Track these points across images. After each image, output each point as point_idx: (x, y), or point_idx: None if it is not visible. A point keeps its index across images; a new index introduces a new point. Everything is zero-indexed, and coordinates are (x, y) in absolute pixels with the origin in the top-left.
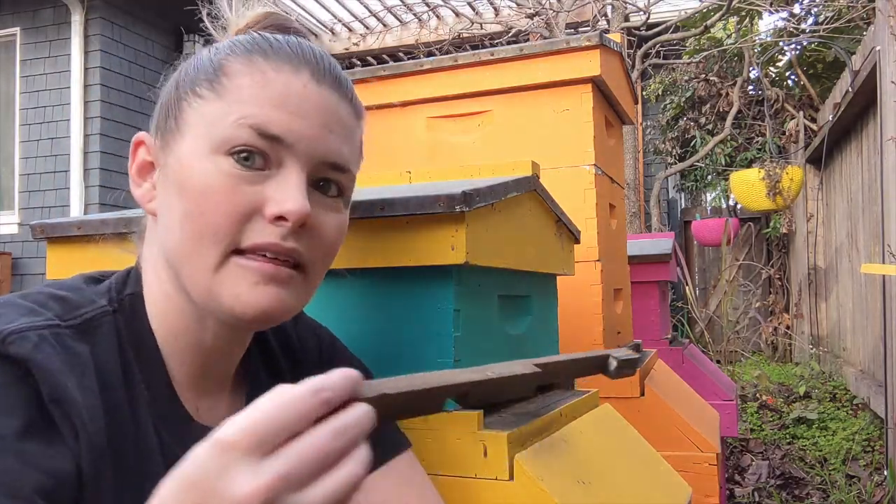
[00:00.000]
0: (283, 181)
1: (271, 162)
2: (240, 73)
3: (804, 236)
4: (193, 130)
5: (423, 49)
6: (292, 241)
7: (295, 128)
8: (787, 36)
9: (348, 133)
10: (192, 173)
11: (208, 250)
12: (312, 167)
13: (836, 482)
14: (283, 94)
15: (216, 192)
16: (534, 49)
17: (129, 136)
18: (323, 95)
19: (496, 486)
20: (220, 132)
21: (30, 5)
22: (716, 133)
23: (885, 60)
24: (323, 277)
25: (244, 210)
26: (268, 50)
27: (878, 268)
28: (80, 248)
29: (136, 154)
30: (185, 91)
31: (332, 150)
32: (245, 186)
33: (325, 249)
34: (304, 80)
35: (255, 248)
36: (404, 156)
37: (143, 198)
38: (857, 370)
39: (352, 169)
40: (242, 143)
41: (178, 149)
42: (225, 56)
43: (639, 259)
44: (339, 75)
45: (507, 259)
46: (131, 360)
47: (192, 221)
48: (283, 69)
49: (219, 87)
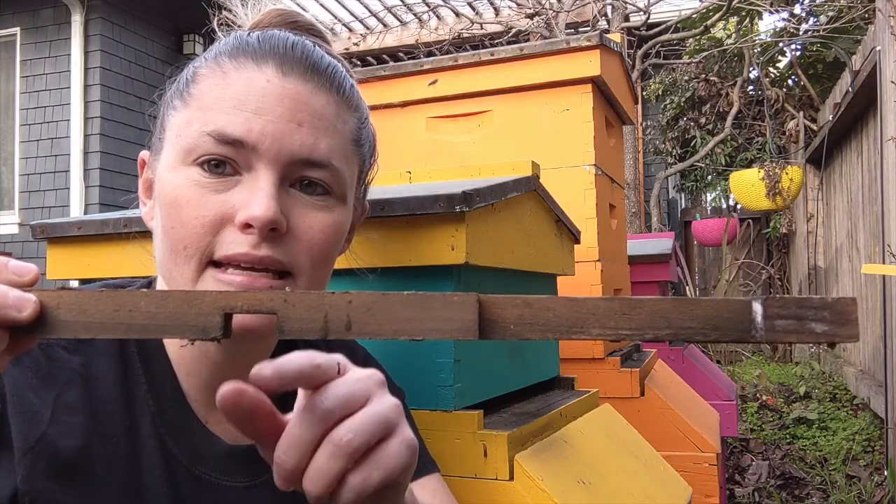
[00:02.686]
0: (249, 185)
1: (241, 167)
2: (204, 78)
3: (804, 236)
4: (168, 143)
5: (423, 49)
6: (266, 248)
7: (255, 127)
8: (788, 36)
9: (327, 126)
10: (164, 186)
11: (185, 265)
12: (283, 166)
13: (836, 482)
14: (243, 92)
15: (184, 204)
16: (534, 49)
17: (130, 137)
18: (289, 88)
19: (496, 486)
20: (185, 142)
21: (30, 5)
22: (716, 133)
23: (885, 60)
24: (325, 282)
25: (212, 220)
26: (233, 49)
27: (879, 268)
28: (81, 248)
29: (141, 173)
30: (167, 106)
31: (302, 146)
32: (212, 196)
33: (311, 252)
34: (267, 74)
35: (227, 259)
36: (404, 156)
37: (147, 216)
38: (857, 370)
39: (334, 164)
40: (205, 152)
41: (159, 164)
42: (198, 64)
43: (639, 259)
44: (314, 64)
45: (507, 259)
46: (136, 372)
47: (167, 236)
48: (246, 66)
49: (187, 96)
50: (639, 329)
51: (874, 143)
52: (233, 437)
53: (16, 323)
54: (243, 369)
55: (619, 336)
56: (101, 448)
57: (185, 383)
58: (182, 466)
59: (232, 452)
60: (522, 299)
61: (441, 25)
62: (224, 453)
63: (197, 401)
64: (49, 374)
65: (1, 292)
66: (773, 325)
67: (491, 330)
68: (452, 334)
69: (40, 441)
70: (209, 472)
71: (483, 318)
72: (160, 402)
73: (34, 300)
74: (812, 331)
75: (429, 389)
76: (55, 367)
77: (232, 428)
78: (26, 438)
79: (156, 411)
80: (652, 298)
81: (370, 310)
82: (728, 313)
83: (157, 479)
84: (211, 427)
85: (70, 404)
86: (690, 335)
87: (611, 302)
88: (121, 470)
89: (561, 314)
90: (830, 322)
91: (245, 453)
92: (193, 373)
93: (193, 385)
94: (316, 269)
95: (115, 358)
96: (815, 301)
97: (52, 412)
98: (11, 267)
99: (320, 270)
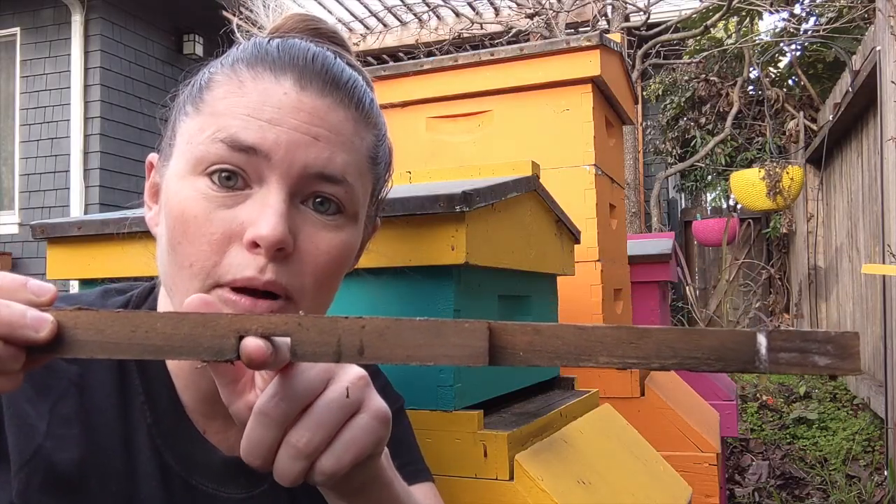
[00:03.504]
0: (259, 201)
1: (251, 179)
2: (219, 85)
3: (804, 236)
4: (178, 150)
5: (423, 49)
6: (271, 271)
7: (269, 136)
8: (788, 36)
9: (343, 141)
10: (171, 197)
11: (189, 282)
12: (296, 180)
13: (836, 482)
14: (259, 102)
15: (191, 219)
16: (534, 49)
17: (130, 137)
18: (306, 102)
19: (496, 486)
20: (196, 150)
21: (30, 5)
22: (716, 133)
23: (885, 60)
24: (328, 303)
25: (219, 239)
26: (252, 58)
27: (879, 268)
28: (81, 248)
29: (149, 176)
30: (178, 111)
31: (317, 159)
32: (220, 211)
33: (315, 275)
34: (285, 86)
35: (231, 284)
36: (404, 156)
37: (151, 221)
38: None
39: (349, 180)
40: (217, 160)
41: (168, 171)
42: (213, 70)
43: (639, 259)
44: (334, 78)
45: (508, 259)
46: (133, 382)
47: (173, 251)
48: (264, 77)
49: (199, 103)
50: (645, 358)
51: (874, 143)
52: (230, 446)
53: (33, 343)
54: None
55: (626, 365)
56: (97, 460)
57: (182, 394)
58: (178, 477)
59: (229, 463)
60: (532, 326)
61: (441, 25)
62: (221, 464)
63: (195, 411)
64: (45, 385)
65: (19, 312)
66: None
67: (501, 356)
68: (463, 360)
69: (36, 455)
70: (205, 482)
71: (493, 344)
72: (157, 413)
73: (51, 320)
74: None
75: (429, 389)
76: (52, 377)
77: (230, 438)
78: (22, 452)
79: (152, 422)
80: (659, 328)
81: (382, 335)
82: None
83: (153, 490)
84: (209, 437)
85: (65, 416)
86: (695, 365)
87: (619, 331)
88: (116, 481)
89: (570, 342)
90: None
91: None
92: (191, 383)
93: (191, 395)
94: (319, 291)
95: (112, 368)
96: (818, 335)
97: (48, 424)
98: (30, 287)
99: (324, 293)
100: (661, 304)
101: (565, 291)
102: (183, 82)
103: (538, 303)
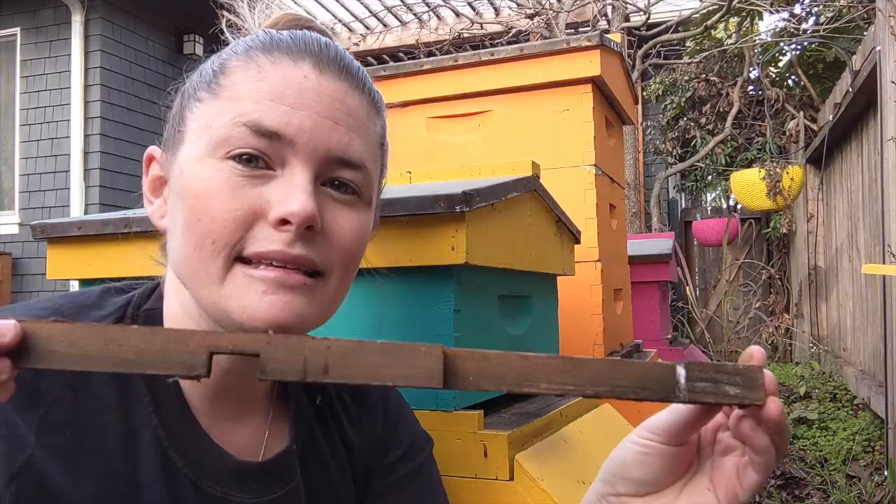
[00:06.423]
0: (286, 181)
1: (274, 163)
2: (236, 70)
3: (804, 236)
4: (192, 135)
5: (423, 49)
6: (300, 246)
7: (294, 121)
8: (788, 36)
9: (360, 126)
10: (189, 178)
11: (210, 260)
12: (319, 163)
13: (836, 482)
14: (281, 86)
15: (213, 195)
16: (534, 49)
17: (130, 137)
18: (326, 85)
19: (496, 486)
20: (216, 133)
21: (30, 5)
22: (716, 133)
23: (885, 60)
24: (349, 284)
25: (244, 214)
26: (267, 44)
27: (879, 268)
28: (81, 248)
29: (148, 170)
30: (188, 98)
31: (339, 144)
32: (245, 189)
33: (342, 253)
34: (304, 70)
35: (258, 256)
36: (404, 156)
37: (155, 214)
38: (857, 370)
39: (367, 165)
40: (240, 144)
41: (179, 157)
42: (226, 57)
43: (639, 259)
44: (347, 65)
45: (508, 259)
46: (136, 383)
47: (192, 230)
48: (282, 61)
49: (216, 88)
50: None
51: (874, 143)
52: (237, 449)
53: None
54: (250, 379)
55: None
56: (92, 465)
57: (189, 394)
58: (187, 479)
59: (241, 467)
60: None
61: (441, 25)
62: (232, 468)
63: (202, 413)
64: (36, 392)
65: None
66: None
67: (453, 380)
68: (419, 381)
69: (26, 466)
70: (215, 486)
71: (447, 368)
72: (162, 414)
73: (14, 324)
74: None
75: (429, 390)
76: (44, 383)
77: (236, 442)
78: (11, 464)
79: (157, 423)
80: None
81: (346, 356)
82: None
83: (158, 493)
84: (215, 439)
85: (56, 423)
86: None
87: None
88: (116, 485)
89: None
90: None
91: (254, 469)
92: (198, 385)
93: (198, 395)
94: (345, 270)
95: None
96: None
97: (37, 435)
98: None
99: (349, 272)
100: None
101: (565, 291)
102: (186, 75)
103: (538, 303)
